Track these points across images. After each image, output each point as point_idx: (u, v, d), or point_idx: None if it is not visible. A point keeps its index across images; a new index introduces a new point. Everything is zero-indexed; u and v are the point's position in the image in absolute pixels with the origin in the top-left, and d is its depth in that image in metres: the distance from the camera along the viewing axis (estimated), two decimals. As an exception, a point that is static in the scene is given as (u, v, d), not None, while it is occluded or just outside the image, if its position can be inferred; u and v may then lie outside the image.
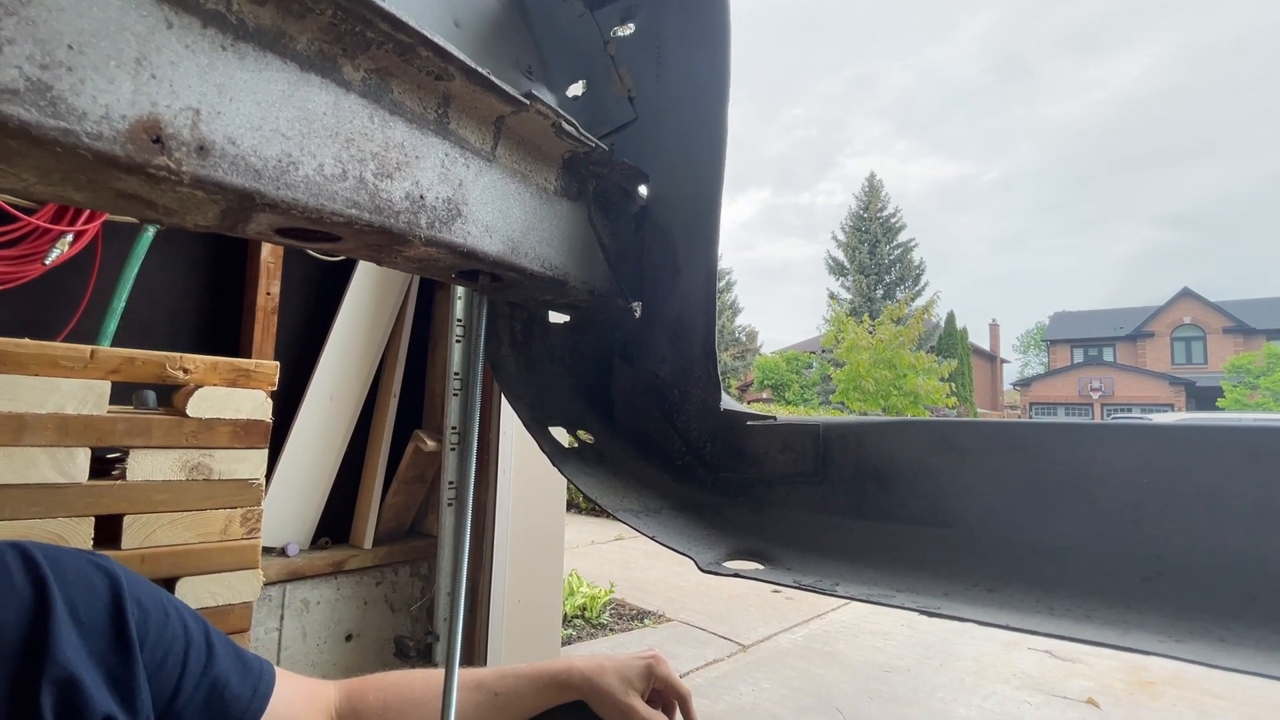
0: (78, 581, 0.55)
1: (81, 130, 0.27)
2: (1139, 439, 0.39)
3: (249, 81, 0.32)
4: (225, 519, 1.25)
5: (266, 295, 1.85)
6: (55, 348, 1.08)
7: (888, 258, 31.72)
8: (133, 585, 0.59)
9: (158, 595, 0.61)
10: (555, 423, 0.62)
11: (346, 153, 0.37)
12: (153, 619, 0.58)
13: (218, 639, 0.64)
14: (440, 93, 0.43)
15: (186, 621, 0.62)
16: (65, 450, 1.08)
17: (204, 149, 0.30)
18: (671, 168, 0.62)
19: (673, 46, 0.63)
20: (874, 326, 16.33)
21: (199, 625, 0.63)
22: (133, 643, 0.55)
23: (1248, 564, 0.35)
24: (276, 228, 0.37)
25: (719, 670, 3.29)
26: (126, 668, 0.54)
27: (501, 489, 2.03)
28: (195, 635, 0.61)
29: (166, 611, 0.60)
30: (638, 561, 5.64)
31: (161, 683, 0.57)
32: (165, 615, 0.60)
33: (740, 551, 0.49)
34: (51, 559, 0.54)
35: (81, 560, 0.57)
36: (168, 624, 0.59)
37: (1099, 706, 2.96)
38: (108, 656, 0.54)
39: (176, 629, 0.60)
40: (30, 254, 1.49)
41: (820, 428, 0.50)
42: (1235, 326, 31.56)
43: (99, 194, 0.31)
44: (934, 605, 0.37)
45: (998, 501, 0.43)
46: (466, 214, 0.45)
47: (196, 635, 0.62)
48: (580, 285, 0.57)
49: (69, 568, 0.55)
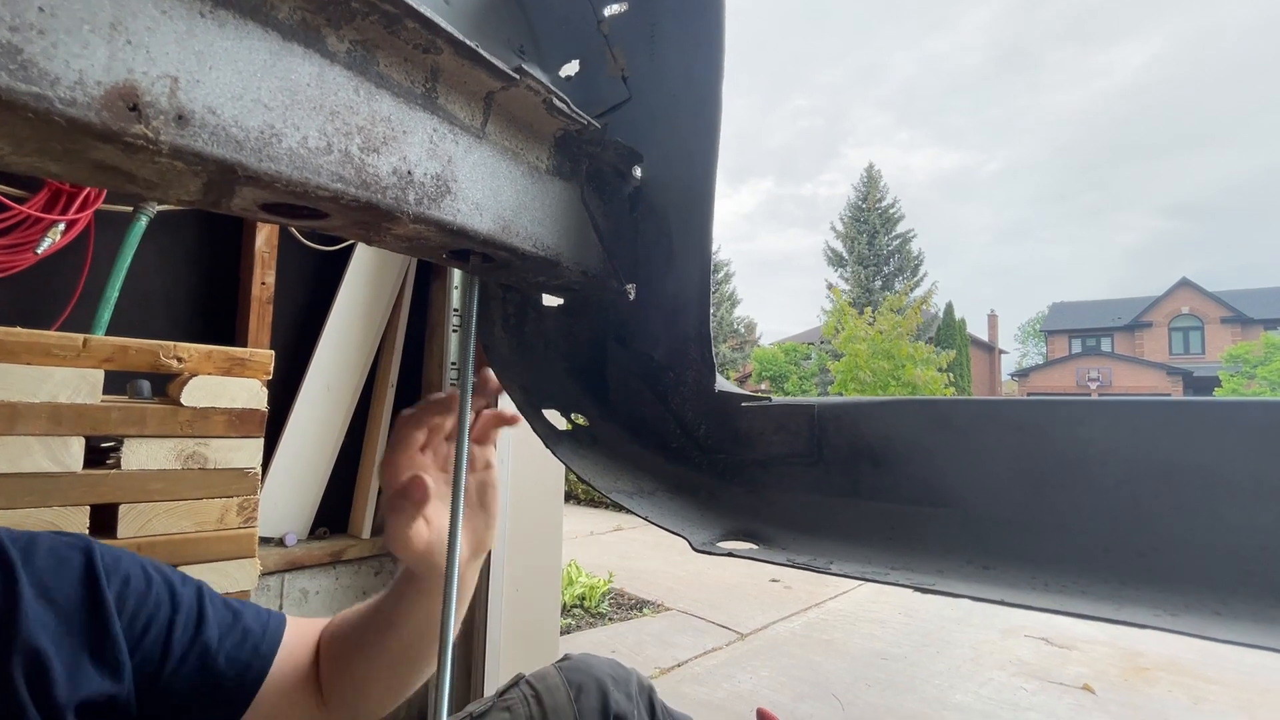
0: (48, 561, 0.55)
1: (54, 96, 0.26)
2: (1136, 415, 0.39)
3: (229, 50, 0.31)
4: (221, 508, 1.24)
5: (262, 285, 1.84)
6: (47, 336, 1.08)
7: (886, 248, 31.64)
8: (109, 558, 0.59)
9: (138, 564, 0.61)
10: (549, 406, 0.61)
11: (331, 125, 0.36)
12: (132, 588, 0.58)
13: (213, 605, 0.63)
14: (428, 66, 0.42)
15: (175, 588, 0.61)
16: (59, 439, 1.07)
17: (183, 118, 0.30)
18: (666, 148, 0.61)
19: (667, 25, 0.62)
20: (874, 317, 16.31)
21: (191, 591, 0.63)
22: (109, 612, 0.55)
23: (1244, 539, 0.34)
24: (261, 203, 0.37)
25: (718, 658, 3.31)
26: (104, 636, 0.54)
27: (499, 478, 2.03)
28: (185, 601, 0.61)
29: (149, 579, 0.60)
30: (637, 552, 5.66)
31: (147, 650, 0.57)
32: (147, 584, 0.60)
33: (735, 532, 0.48)
34: (20, 543, 0.55)
35: (54, 540, 0.57)
36: (150, 592, 0.59)
37: (1094, 692, 2.98)
38: (84, 628, 0.54)
39: (161, 596, 0.60)
40: (22, 243, 1.48)
41: (815, 408, 0.50)
42: (1233, 316, 31.60)
43: (75, 165, 0.30)
44: (928, 582, 0.37)
45: (993, 480, 0.42)
46: (456, 191, 0.44)
47: (186, 601, 0.61)
48: (573, 266, 0.56)
49: (40, 549, 0.55)
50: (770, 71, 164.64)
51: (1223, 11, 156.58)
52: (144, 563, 0.62)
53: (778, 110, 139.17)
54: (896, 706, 2.79)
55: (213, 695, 0.60)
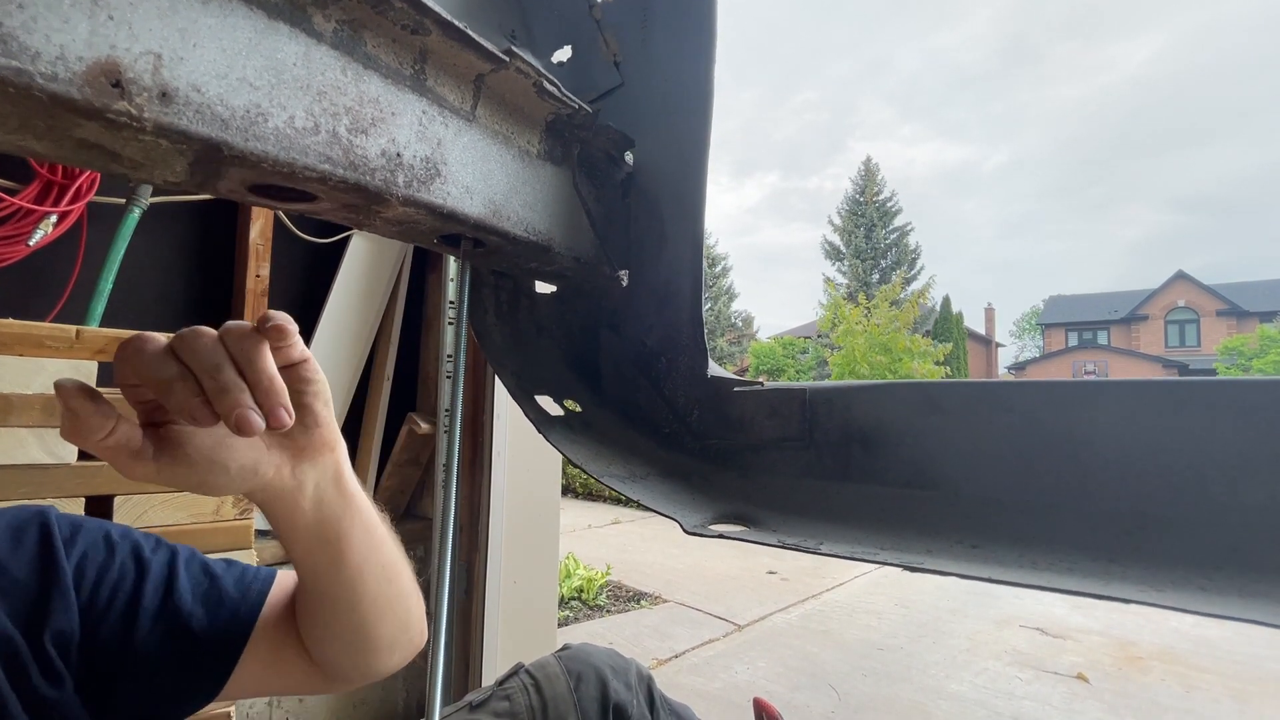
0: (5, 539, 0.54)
1: (35, 71, 0.26)
2: (1124, 396, 0.39)
3: (213, 27, 0.31)
4: (217, 500, 1.24)
5: (256, 277, 1.84)
6: (40, 328, 1.07)
7: (883, 242, 31.61)
8: (67, 528, 0.57)
9: (100, 532, 0.59)
10: (543, 392, 0.61)
11: (318, 106, 0.36)
12: (90, 559, 0.57)
13: (188, 570, 0.61)
14: (417, 48, 0.42)
15: (141, 554, 0.59)
16: (53, 431, 1.07)
17: (167, 95, 0.29)
18: (658, 134, 0.61)
19: (659, 11, 0.62)
20: (870, 309, 16.29)
21: (162, 557, 0.60)
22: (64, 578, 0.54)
23: (1230, 516, 0.35)
24: (248, 184, 0.37)
25: (715, 649, 3.33)
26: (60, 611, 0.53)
27: (496, 472, 2.03)
28: (154, 568, 0.59)
29: (112, 547, 0.58)
30: (634, 545, 5.67)
31: (112, 621, 0.56)
32: (109, 552, 0.58)
33: (726, 515, 0.48)
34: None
35: (13, 515, 0.56)
36: (113, 561, 0.58)
37: (1088, 681, 3.00)
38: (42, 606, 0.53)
39: (127, 564, 0.58)
40: (14, 235, 1.47)
41: (807, 392, 0.50)
42: (1228, 309, 31.68)
43: (59, 143, 0.30)
44: (917, 561, 0.37)
45: (983, 462, 0.43)
46: (446, 174, 0.44)
47: (155, 567, 0.59)
48: (565, 252, 0.56)
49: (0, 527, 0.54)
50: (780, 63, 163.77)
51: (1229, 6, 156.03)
52: (108, 529, 0.60)
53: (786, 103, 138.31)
54: (892, 696, 2.81)
55: (191, 662, 0.58)
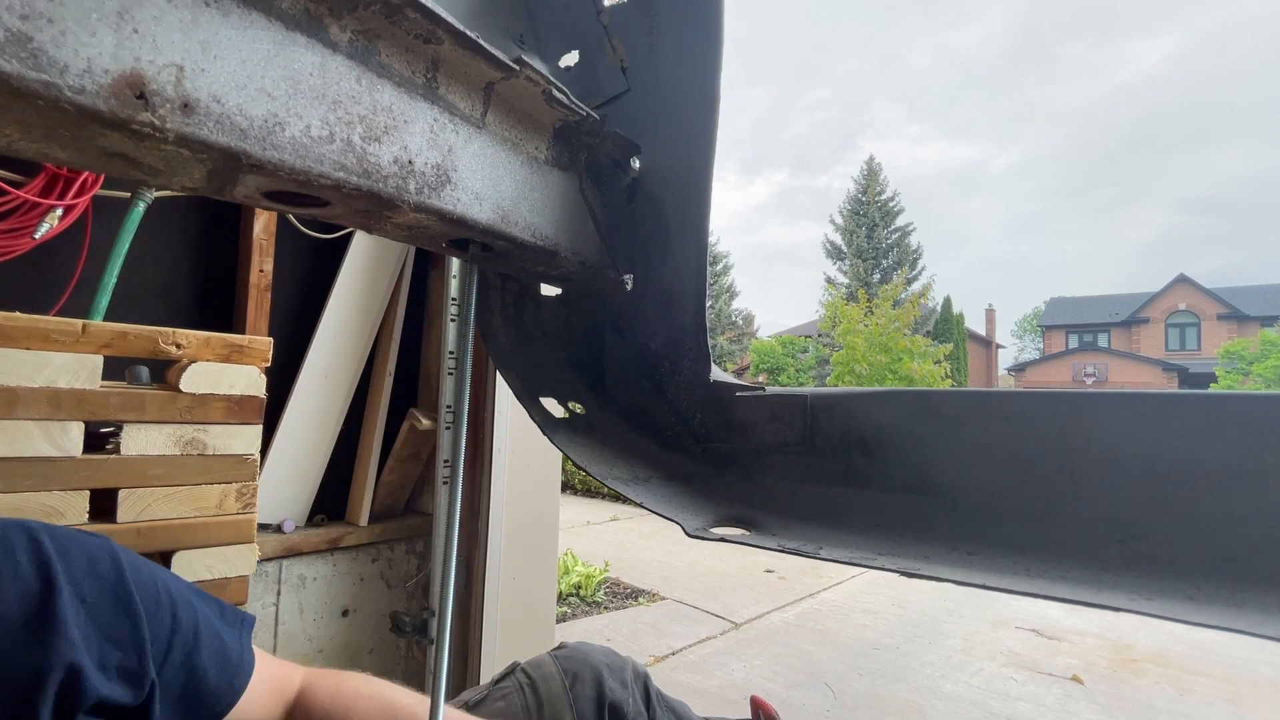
0: (81, 561, 0.55)
1: (63, 84, 0.26)
2: (1121, 407, 0.40)
3: (233, 39, 0.32)
4: (220, 494, 1.25)
5: (260, 272, 1.84)
6: (46, 321, 1.08)
7: (885, 242, 31.60)
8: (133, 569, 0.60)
9: (154, 580, 0.62)
10: (547, 394, 0.62)
11: (334, 115, 0.37)
12: (146, 603, 0.59)
13: (206, 629, 0.65)
14: (429, 56, 0.42)
15: (177, 610, 0.63)
16: (58, 424, 1.08)
17: (188, 106, 0.30)
18: (664, 139, 0.61)
19: (666, 15, 0.62)
20: (871, 308, 16.30)
21: (189, 614, 0.64)
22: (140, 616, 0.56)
23: (1222, 527, 0.36)
24: (264, 190, 0.37)
25: (712, 647, 3.34)
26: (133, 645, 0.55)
27: (496, 468, 2.04)
28: (183, 624, 0.62)
29: (159, 598, 0.61)
30: (632, 542, 5.69)
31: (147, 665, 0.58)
32: (157, 602, 0.61)
33: (727, 519, 0.49)
34: (56, 540, 0.55)
35: (85, 540, 0.58)
36: (159, 610, 0.61)
37: (1083, 683, 3.02)
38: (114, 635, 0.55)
39: (165, 617, 0.61)
40: (19, 228, 1.47)
41: (808, 398, 0.51)
42: (1229, 313, 31.69)
43: (84, 151, 0.30)
44: (914, 566, 0.38)
45: (981, 469, 0.43)
46: (456, 181, 0.44)
47: (185, 624, 0.62)
48: (571, 256, 0.57)
49: (73, 548, 0.56)
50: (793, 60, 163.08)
51: (1243, 6, 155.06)
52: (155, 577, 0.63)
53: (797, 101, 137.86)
54: (888, 695, 2.82)
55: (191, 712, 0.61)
